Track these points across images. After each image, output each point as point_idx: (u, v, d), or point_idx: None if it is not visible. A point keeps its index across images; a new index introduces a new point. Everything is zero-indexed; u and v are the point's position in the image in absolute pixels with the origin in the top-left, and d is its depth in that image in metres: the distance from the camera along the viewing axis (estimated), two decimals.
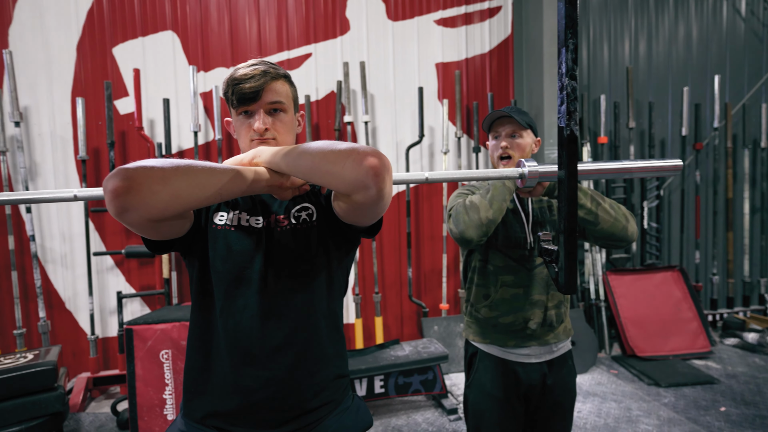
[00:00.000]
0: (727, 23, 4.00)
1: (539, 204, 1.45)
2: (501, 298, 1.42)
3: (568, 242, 0.71)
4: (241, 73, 0.89)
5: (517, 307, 1.40)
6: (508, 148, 1.41)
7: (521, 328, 1.40)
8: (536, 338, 1.41)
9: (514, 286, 1.41)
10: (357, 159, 0.72)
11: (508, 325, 1.41)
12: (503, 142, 1.41)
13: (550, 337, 1.42)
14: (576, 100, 0.69)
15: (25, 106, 2.87)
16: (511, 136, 1.41)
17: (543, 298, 1.40)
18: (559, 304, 1.43)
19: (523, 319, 1.40)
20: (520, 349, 1.42)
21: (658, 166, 0.86)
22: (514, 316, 1.40)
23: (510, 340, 1.42)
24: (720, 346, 3.54)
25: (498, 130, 1.43)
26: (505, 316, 1.41)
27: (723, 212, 4.01)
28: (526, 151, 1.42)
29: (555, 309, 1.41)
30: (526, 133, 1.42)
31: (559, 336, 1.43)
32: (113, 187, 0.66)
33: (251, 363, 0.89)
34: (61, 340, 2.99)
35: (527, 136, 1.42)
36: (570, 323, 1.49)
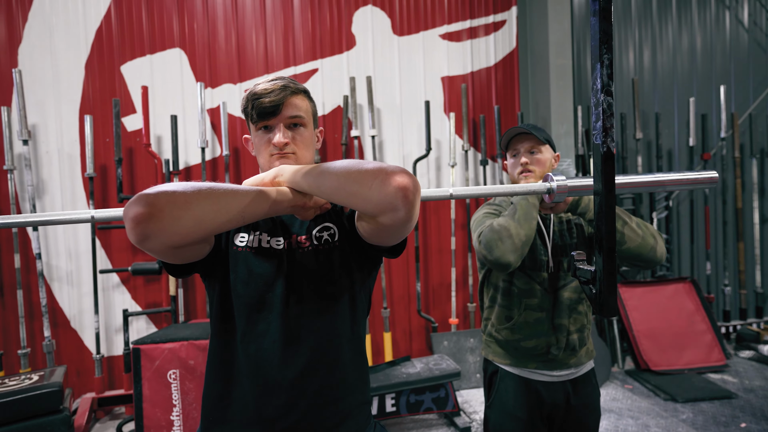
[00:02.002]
0: (731, 34, 4.02)
1: (559, 227, 1.43)
2: (524, 321, 1.39)
3: (607, 262, 0.68)
4: (261, 88, 0.88)
5: (540, 332, 1.37)
6: (528, 164, 1.39)
7: (544, 352, 1.37)
8: (558, 362, 1.38)
9: (538, 310, 1.38)
10: (385, 179, 0.69)
11: (531, 349, 1.38)
12: (523, 158, 1.40)
13: (573, 360, 1.39)
14: (612, 116, 0.67)
15: (34, 124, 2.88)
16: (531, 152, 1.40)
17: (566, 322, 1.37)
18: (582, 327, 1.40)
19: (546, 343, 1.37)
20: (542, 371, 1.39)
21: (694, 179, 0.83)
22: (536, 340, 1.37)
23: (531, 363, 1.39)
24: (735, 359, 3.47)
25: (516, 147, 1.42)
26: (528, 340, 1.38)
27: (733, 222, 3.97)
28: (546, 166, 1.41)
29: (578, 333, 1.38)
30: (545, 148, 1.41)
31: (581, 359, 1.40)
32: (134, 214, 0.64)
33: (273, 391, 0.85)
34: (66, 359, 2.94)
35: (546, 152, 1.41)
36: (592, 344, 1.46)
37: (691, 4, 3.96)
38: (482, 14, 3.56)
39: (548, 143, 1.42)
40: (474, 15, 3.55)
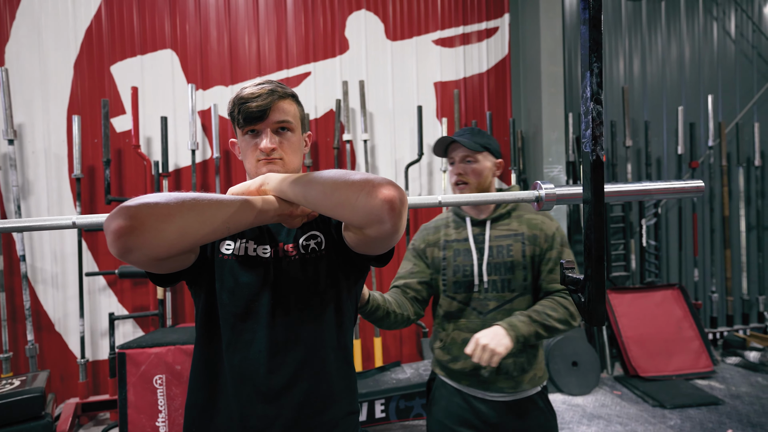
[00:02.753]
0: (718, 44, 4.09)
1: (500, 241, 1.33)
2: (453, 341, 1.33)
3: (596, 270, 0.68)
4: (247, 92, 0.87)
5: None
6: (462, 175, 1.32)
7: (473, 374, 1.31)
8: (492, 383, 1.31)
9: (466, 331, 1.31)
10: (371, 191, 0.68)
11: (460, 369, 1.33)
12: (458, 169, 1.33)
13: (508, 385, 1.31)
14: (601, 124, 0.67)
15: (20, 124, 2.83)
16: (466, 161, 1.32)
17: None
18: (518, 352, 1.29)
19: (473, 365, 1.30)
20: (476, 389, 1.33)
21: (680, 188, 0.84)
22: (464, 362, 1.31)
23: (464, 380, 1.34)
24: (722, 366, 3.50)
25: (452, 156, 1.35)
26: (457, 361, 1.33)
27: (720, 230, 4.02)
28: (484, 175, 1.33)
29: (513, 357, 1.28)
30: (482, 156, 1.32)
31: (522, 385, 1.31)
32: (116, 227, 0.62)
33: (258, 401, 0.84)
34: (49, 363, 2.88)
35: (484, 160, 1.33)
36: (543, 370, 1.36)
37: (679, 14, 4.03)
38: (475, 21, 3.59)
39: (487, 150, 1.33)
40: (467, 21, 3.57)
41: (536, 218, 1.34)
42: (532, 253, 1.31)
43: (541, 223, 1.34)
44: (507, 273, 1.31)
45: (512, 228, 1.34)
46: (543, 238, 1.32)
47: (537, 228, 1.32)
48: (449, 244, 1.38)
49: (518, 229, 1.33)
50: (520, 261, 1.31)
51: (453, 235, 1.39)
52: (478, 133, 1.35)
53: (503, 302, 1.31)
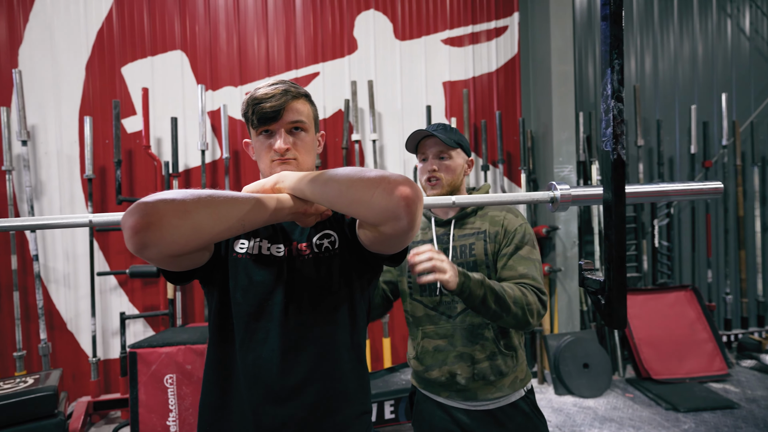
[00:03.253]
0: (732, 42, 4.02)
1: (464, 240, 1.28)
2: (424, 350, 1.29)
3: (617, 272, 0.66)
4: (261, 93, 0.86)
5: (441, 360, 1.26)
6: (436, 171, 1.27)
7: (450, 382, 1.26)
8: (470, 392, 1.25)
9: (437, 338, 1.27)
10: (387, 188, 0.68)
11: (436, 379, 1.28)
12: (431, 165, 1.28)
13: (489, 391, 1.25)
14: (623, 122, 0.66)
15: (33, 125, 2.86)
16: (439, 157, 1.27)
17: (469, 350, 1.24)
18: (493, 355, 1.24)
19: (449, 372, 1.25)
20: (455, 401, 1.28)
21: (698, 189, 0.82)
22: (439, 370, 1.26)
23: (443, 392, 1.29)
24: (737, 369, 3.44)
25: (425, 152, 1.30)
26: (431, 371, 1.28)
27: (734, 230, 3.96)
28: (457, 172, 1.29)
29: (488, 361, 1.23)
30: (455, 153, 1.28)
31: (503, 389, 1.25)
32: (132, 223, 0.62)
33: (271, 401, 0.83)
34: (62, 362, 2.91)
35: (457, 157, 1.29)
36: (525, 372, 1.30)
37: (692, 11, 3.97)
38: (484, 20, 3.56)
39: (460, 147, 1.29)
40: (476, 20, 3.54)
41: (499, 215, 1.29)
42: (494, 251, 1.26)
43: (503, 218, 1.28)
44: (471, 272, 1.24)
45: (476, 226, 1.29)
46: (503, 234, 1.26)
47: (499, 224, 1.27)
48: (414, 245, 1.34)
49: (481, 227, 1.28)
50: (483, 260, 1.25)
51: (419, 236, 1.35)
52: (450, 129, 1.29)
53: None
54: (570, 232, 3.27)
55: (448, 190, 1.29)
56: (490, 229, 1.27)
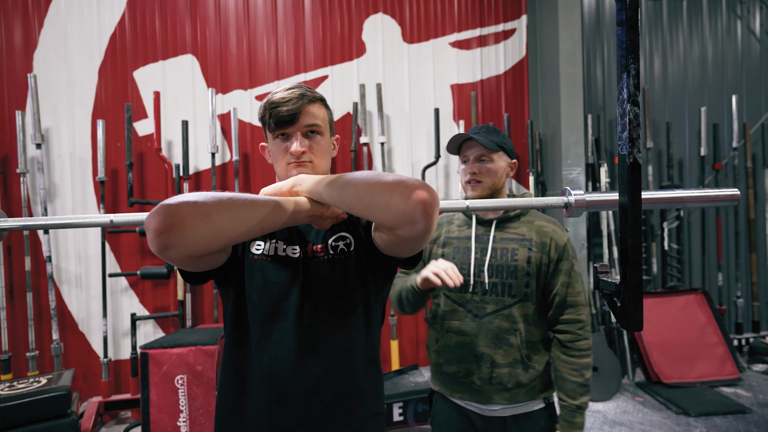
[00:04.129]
0: (742, 43, 4.00)
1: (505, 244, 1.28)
2: (446, 344, 1.30)
3: (633, 274, 0.67)
4: (278, 97, 0.88)
5: (461, 357, 1.27)
6: (476, 174, 1.28)
7: (466, 380, 1.27)
8: (484, 394, 1.26)
9: (460, 334, 1.28)
10: (405, 192, 0.69)
11: (452, 374, 1.29)
12: (471, 168, 1.29)
13: (503, 397, 1.25)
14: (639, 126, 0.66)
15: (47, 128, 2.91)
16: (480, 160, 1.28)
17: (490, 352, 1.25)
18: (515, 363, 1.24)
19: (466, 371, 1.26)
20: (467, 404, 1.29)
21: (715, 196, 0.82)
22: (457, 366, 1.28)
23: (456, 392, 1.30)
24: (748, 373, 3.40)
25: (466, 154, 1.31)
26: (449, 365, 1.29)
27: (745, 233, 3.92)
28: (499, 175, 1.29)
29: (508, 368, 1.24)
30: (497, 156, 1.29)
31: (518, 397, 1.26)
32: (156, 225, 0.63)
33: (287, 401, 0.84)
34: (73, 362, 2.95)
35: (499, 160, 1.29)
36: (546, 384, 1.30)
37: (701, 13, 3.95)
38: (492, 23, 3.57)
39: (502, 150, 1.29)
40: (484, 23, 3.55)
41: (547, 226, 1.30)
42: (539, 261, 1.26)
43: (552, 231, 1.29)
44: (509, 277, 1.26)
45: (520, 232, 1.29)
46: (553, 248, 1.27)
47: (547, 236, 1.28)
48: (450, 241, 1.36)
49: (526, 234, 1.28)
50: (524, 267, 1.26)
51: (455, 232, 1.36)
52: (493, 131, 1.30)
53: (502, 307, 1.26)
54: (579, 234, 3.26)
55: (488, 193, 1.30)
56: (537, 239, 1.28)
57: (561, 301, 1.27)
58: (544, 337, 1.30)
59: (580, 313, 1.26)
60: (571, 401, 1.23)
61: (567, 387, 1.23)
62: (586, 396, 1.23)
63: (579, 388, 1.22)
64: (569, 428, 1.22)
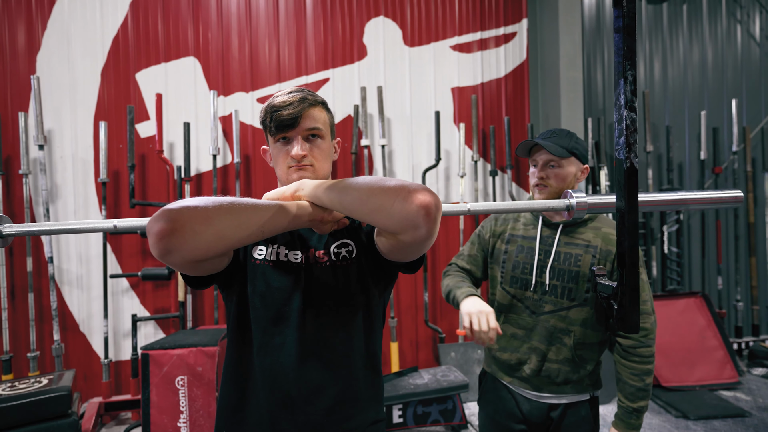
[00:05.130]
0: (742, 47, 4.01)
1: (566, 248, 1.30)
2: (502, 333, 1.36)
3: (629, 277, 0.68)
4: (279, 101, 0.88)
5: (514, 347, 1.35)
6: (544, 178, 1.30)
7: (516, 368, 1.35)
8: (531, 384, 1.33)
9: (516, 326, 1.35)
10: (407, 197, 0.69)
11: (505, 361, 1.37)
12: (540, 173, 1.31)
13: (551, 388, 1.31)
14: (635, 131, 0.67)
15: (49, 130, 2.92)
16: (549, 165, 1.30)
17: (543, 347, 1.30)
18: (566, 361, 1.28)
19: (518, 360, 1.34)
20: (516, 388, 1.36)
21: (718, 198, 0.82)
22: (510, 354, 1.35)
23: (506, 376, 1.38)
24: (748, 377, 3.40)
25: (535, 158, 1.33)
26: (503, 352, 1.37)
27: (745, 237, 3.93)
28: (568, 180, 1.30)
29: (558, 364, 1.29)
30: (567, 161, 1.29)
31: (565, 390, 1.31)
32: (158, 229, 0.64)
33: (288, 405, 0.85)
34: (74, 363, 2.95)
35: (569, 165, 1.29)
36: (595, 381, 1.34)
37: (701, 17, 3.97)
38: (493, 26, 3.59)
39: (573, 155, 1.29)
40: (485, 27, 3.57)
41: (614, 234, 1.29)
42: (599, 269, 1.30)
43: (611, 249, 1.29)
44: (570, 281, 1.28)
45: (586, 238, 1.30)
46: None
47: (613, 244, 1.28)
48: (514, 238, 1.40)
49: (592, 241, 1.29)
50: (587, 274, 1.27)
51: (521, 230, 1.39)
52: (565, 136, 1.30)
53: (559, 308, 1.30)
54: None
55: (555, 197, 1.31)
56: (603, 246, 1.28)
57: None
58: (601, 339, 1.33)
59: (645, 321, 1.27)
60: (629, 403, 1.27)
61: (626, 390, 1.27)
62: (644, 400, 1.27)
63: (638, 392, 1.26)
64: (625, 428, 1.27)
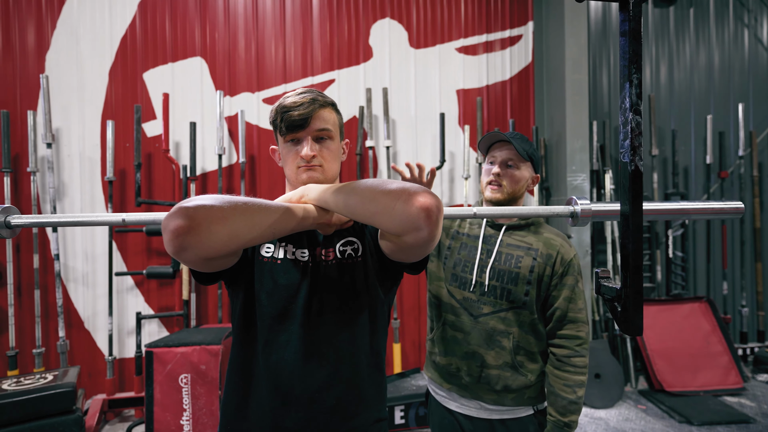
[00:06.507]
0: (749, 51, 3.99)
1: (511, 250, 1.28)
2: (440, 336, 1.33)
3: (633, 280, 0.68)
4: (290, 101, 0.89)
5: (453, 351, 1.29)
6: (500, 176, 1.27)
7: (456, 374, 1.29)
8: (470, 392, 1.26)
9: (454, 329, 1.30)
10: (407, 199, 0.69)
11: (444, 366, 1.31)
12: (496, 169, 1.28)
13: (492, 397, 1.25)
14: (641, 134, 0.67)
15: (57, 128, 2.95)
16: (507, 164, 1.28)
17: (482, 352, 1.25)
18: (506, 366, 1.23)
19: (456, 366, 1.28)
20: (459, 398, 1.30)
21: (719, 208, 0.82)
22: (449, 359, 1.30)
23: (446, 383, 1.32)
24: (753, 383, 3.38)
25: (494, 155, 1.30)
26: (442, 356, 1.32)
27: (750, 242, 3.90)
28: (521, 184, 1.29)
29: (498, 370, 1.24)
30: (524, 165, 1.29)
31: (505, 402, 1.25)
32: (175, 226, 0.65)
33: (292, 403, 0.86)
34: (78, 360, 2.97)
35: (525, 169, 1.29)
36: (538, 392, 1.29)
37: (708, 21, 3.95)
38: (498, 29, 3.59)
39: (531, 161, 1.29)
40: (490, 29, 3.57)
41: (555, 240, 1.29)
42: (541, 272, 1.26)
43: (560, 246, 1.28)
44: (509, 283, 1.26)
45: (527, 241, 1.29)
46: (559, 261, 1.26)
47: (554, 249, 1.27)
48: (459, 236, 1.37)
49: (534, 244, 1.28)
50: (526, 275, 1.25)
51: (466, 228, 1.37)
52: (526, 140, 1.30)
53: (498, 310, 1.26)
54: (583, 240, 3.26)
55: (507, 198, 1.29)
56: (543, 250, 1.27)
57: (561, 315, 1.26)
58: (542, 349, 1.29)
59: (579, 329, 1.25)
60: (560, 417, 1.22)
61: (558, 403, 1.22)
62: (575, 414, 1.21)
63: (570, 405, 1.21)
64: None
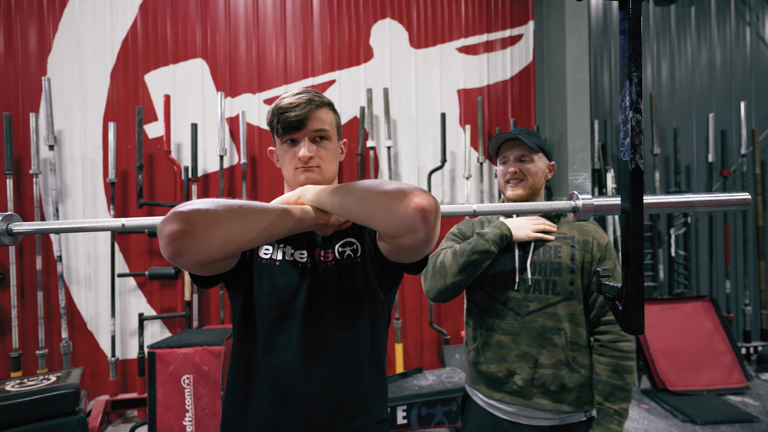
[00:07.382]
0: (751, 49, 3.98)
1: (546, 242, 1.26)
2: (485, 342, 1.27)
3: (634, 278, 0.68)
4: (286, 102, 0.89)
5: (502, 356, 1.23)
6: (517, 173, 1.28)
7: (507, 381, 1.23)
8: (524, 397, 1.21)
9: (501, 333, 1.24)
10: (404, 200, 0.69)
11: (492, 374, 1.24)
12: (512, 167, 1.28)
13: (545, 402, 1.20)
14: (641, 133, 0.67)
15: (60, 130, 2.96)
16: (521, 160, 1.28)
17: (533, 351, 1.21)
18: (559, 364, 1.19)
19: (507, 370, 1.22)
20: (507, 405, 1.24)
21: (725, 200, 0.82)
22: (498, 365, 1.23)
23: (495, 392, 1.25)
24: (756, 382, 3.36)
25: (506, 155, 1.31)
26: (489, 364, 1.25)
27: (753, 241, 3.89)
28: (539, 175, 1.29)
29: (553, 369, 1.19)
30: (537, 157, 1.29)
31: (563, 404, 1.20)
32: (170, 231, 0.65)
33: (292, 405, 0.85)
34: (81, 361, 2.98)
35: (539, 161, 1.29)
36: (590, 396, 1.24)
37: (710, 19, 3.94)
38: (499, 28, 3.59)
39: (542, 151, 1.29)
40: (491, 29, 3.57)
41: (588, 226, 1.28)
42: (582, 259, 1.24)
43: (594, 231, 1.27)
44: (553, 274, 1.22)
45: (561, 231, 1.28)
46: (596, 246, 1.24)
47: (589, 235, 1.26)
48: None
49: (568, 233, 1.27)
50: (568, 264, 1.23)
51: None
52: (534, 133, 1.31)
53: (545, 305, 1.22)
54: None
55: (529, 192, 1.29)
56: (579, 237, 1.26)
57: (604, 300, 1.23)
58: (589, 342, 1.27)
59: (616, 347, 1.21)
60: (609, 405, 1.16)
61: (606, 390, 1.17)
62: (626, 402, 1.16)
63: (619, 392, 1.16)
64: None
